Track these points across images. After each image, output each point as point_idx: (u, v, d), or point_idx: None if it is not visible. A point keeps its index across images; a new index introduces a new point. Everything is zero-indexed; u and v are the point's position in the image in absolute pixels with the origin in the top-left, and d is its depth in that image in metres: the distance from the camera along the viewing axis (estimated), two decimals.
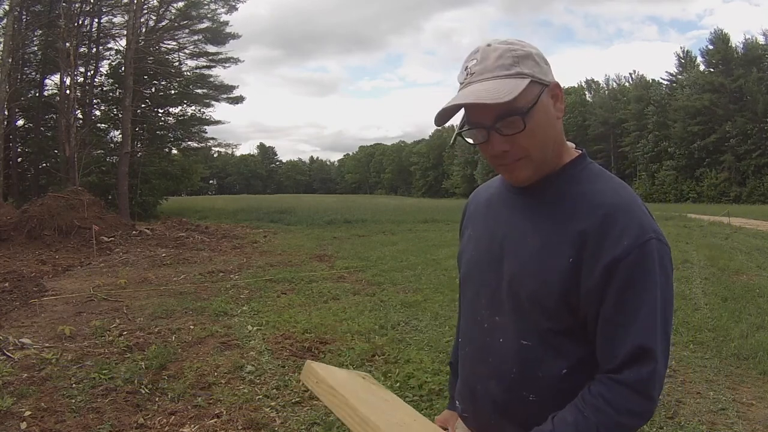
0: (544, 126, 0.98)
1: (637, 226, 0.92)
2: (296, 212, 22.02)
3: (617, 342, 0.91)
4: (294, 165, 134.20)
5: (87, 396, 3.39)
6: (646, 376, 0.88)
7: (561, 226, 0.97)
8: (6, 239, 10.99)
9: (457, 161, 72.22)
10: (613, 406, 0.88)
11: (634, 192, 1.01)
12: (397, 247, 11.41)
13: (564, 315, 0.96)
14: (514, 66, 0.96)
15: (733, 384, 3.66)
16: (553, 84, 1.00)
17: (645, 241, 0.91)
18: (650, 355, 0.89)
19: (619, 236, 0.91)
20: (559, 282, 0.94)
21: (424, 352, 4.27)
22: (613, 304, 0.91)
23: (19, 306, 5.95)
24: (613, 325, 0.91)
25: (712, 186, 42.40)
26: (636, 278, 0.90)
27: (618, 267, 0.90)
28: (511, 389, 1.01)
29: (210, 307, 5.85)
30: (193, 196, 51.37)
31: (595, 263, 0.92)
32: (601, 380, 0.91)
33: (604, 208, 0.94)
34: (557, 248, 0.95)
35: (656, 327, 0.90)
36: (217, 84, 25.33)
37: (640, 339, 0.89)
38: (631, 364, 0.89)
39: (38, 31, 20.50)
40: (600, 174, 1.03)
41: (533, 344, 0.99)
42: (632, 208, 0.94)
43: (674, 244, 11.36)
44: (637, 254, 0.90)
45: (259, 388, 3.58)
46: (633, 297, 0.90)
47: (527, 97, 0.95)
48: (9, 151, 20.15)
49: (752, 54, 41.17)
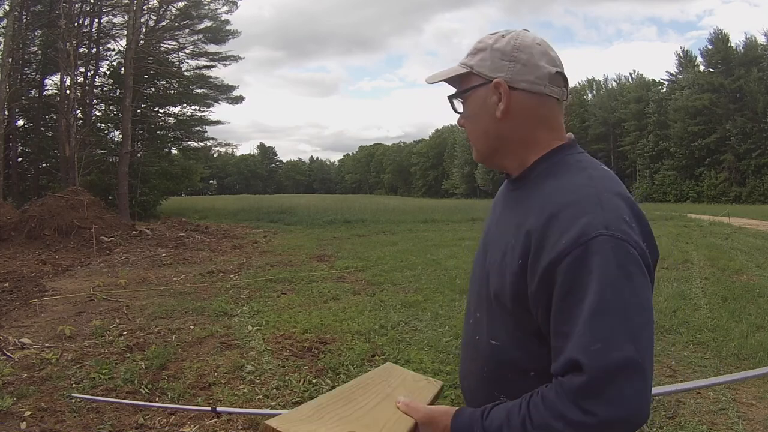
0: (477, 118, 1.03)
1: (580, 224, 0.84)
2: (296, 212, 22.02)
3: (560, 350, 0.83)
4: (294, 165, 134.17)
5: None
6: (577, 387, 0.78)
7: (518, 225, 0.95)
8: (6, 239, 10.99)
9: (457, 161, 72.20)
10: (548, 407, 0.81)
11: (611, 184, 0.92)
12: (397, 247, 11.41)
13: (524, 317, 0.92)
14: (468, 55, 1.04)
15: (733, 384, 3.65)
16: (494, 82, 0.99)
17: (588, 239, 0.82)
18: (579, 368, 0.79)
19: (558, 237, 0.85)
20: (510, 284, 0.92)
21: (424, 352, 4.27)
22: (554, 312, 0.85)
23: (19, 306, 5.95)
24: (555, 333, 0.85)
25: (712, 186, 42.37)
26: (575, 283, 0.82)
27: (555, 271, 0.84)
28: (485, 387, 1.01)
29: (210, 307, 5.85)
30: (193, 196, 51.39)
31: (536, 267, 0.87)
32: (553, 382, 0.85)
33: (551, 205, 0.89)
34: (512, 249, 0.93)
35: (594, 336, 0.79)
36: (218, 84, 25.36)
37: (573, 352, 0.80)
38: (567, 374, 0.81)
39: (38, 31, 20.50)
40: (571, 166, 0.97)
41: (501, 344, 0.98)
42: (583, 204, 0.87)
43: (674, 244, 11.37)
44: (575, 255, 0.82)
45: (259, 388, 3.58)
46: (572, 304, 0.82)
47: (465, 84, 1.04)
48: (9, 151, 20.14)
49: (752, 54, 41.13)
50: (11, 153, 20.80)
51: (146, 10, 21.65)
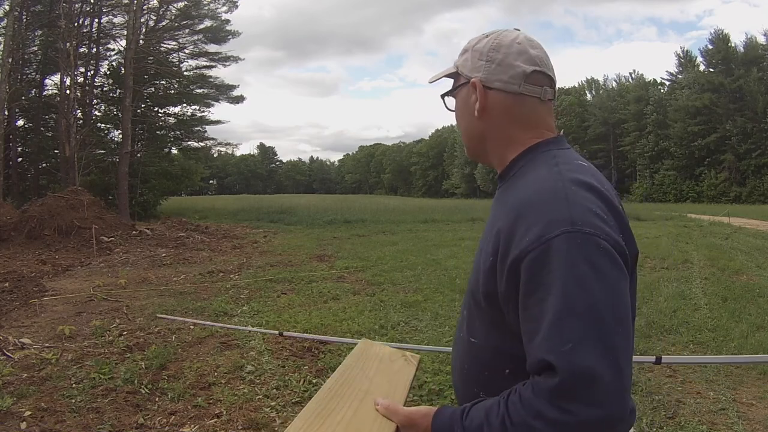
0: (461, 115, 1.08)
1: (543, 221, 0.82)
2: (296, 212, 22.01)
3: (530, 349, 0.82)
4: (294, 165, 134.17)
5: (87, 396, 3.39)
6: (551, 388, 0.76)
7: (492, 225, 0.96)
8: (6, 239, 10.99)
9: (457, 161, 72.20)
10: (525, 405, 0.79)
11: (581, 176, 0.90)
12: (397, 247, 11.41)
13: (497, 315, 0.92)
14: (459, 55, 1.07)
15: (733, 384, 3.65)
16: (471, 81, 1.02)
17: (552, 237, 0.80)
18: (551, 369, 0.77)
19: (522, 235, 0.84)
20: (483, 282, 0.93)
21: (424, 352, 4.27)
22: (521, 310, 0.84)
23: (19, 306, 5.95)
24: (524, 332, 0.83)
25: (712, 186, 42.38)
26: (539, 281, 0.80)
27: (519, 269, 0.83)
28: (467, 385, 1.02)
29: (210, 307, 5.85)
30: (193, 196, 51.39)
31: (503, 265, 0.86)
32: (529, 380, 0.83)
33: (518, 202, 0.89)
34: (486, 247, 0.94)
35: (563, 337, 0.77)
36: (218, 84, 25.36)
37: (541, 352, 0.78)
38: (541, 374, 0.79)
39: (38, 31, 20.52)
40: (544, 162, 0.95)
41: (478, 342, 0.99)
42: (550, 199, 0.85)
43: (674, 244, 11.37)
44: (538, 253, 0.81)
45: (259, 388, 3.58)
46: (536, 303, 0.80)
47: (455, 84, 1.08)
48: (9, 151, 20.15)
49: (752, 54, 41.16)
50: (11, 153, 20.80)
51: (146, 10, 21.68)
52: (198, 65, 24.84)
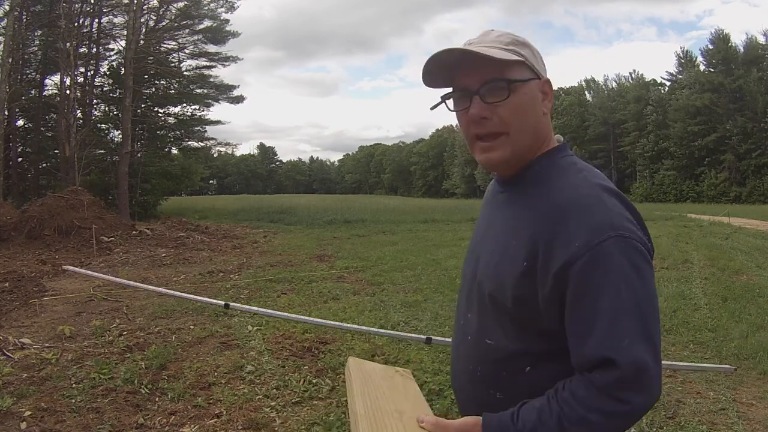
0: (527, 109, 0.98)
1: (589, 227, 0.86)
2: (296, 212, 22.01)
3: (581, 350, 0.87)
4: (294, 165, 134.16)
5: (87, 396, 3.39)
6: (613, 381, 0.84)
7: (519, 228, 0.96)
8: (6, 239, 10.99)
9: (457, 161, 72.20)
10: (582, 402, 0.85)
11: (606, 183, 0.95)
12: (397, 247, 11.41)
13: (524, 316, 0.94)
14: (511, 45, 0.99)
15: (733, 384, 3.65)
16: (545, 80, 1.02)
17: (599, 242, 0.85)
18: (612, 364, 0.83)
19: (568, 240, 0.87)
20: (512, 287, 0.93)
21: (424, 352, 4.27)
22: (570, 313, 0.88)
23: (19, 306, 5.95)
24: (575, 335, 0.88)
25: (712, 186, 42.36)
26: (591, 284, 0.85)
27: (569, 273, 0.86)
28: (479, 387, 1.02)
29: (210, 307, 5.85)
30: (193, 196, 51.39)
31: (548, 270, 0.88)
32: (577, 377, 0.89)
33: (556, 209, 0.91)
34: (514, 251, 0.94)
35: (620, 333, 0.83)
36: (218, 84, 25.35)
37: (600, 350, 0.84)
38: (597, 370, 0.85)
39: (38, 31, 20.50)
40: (568, 168, 0.99)
41: (495, 343, 0.99)
42: (589, 206, 0.89)
43: (674, 244, 11.36)
44: (589, 258, 0.85)
45: (259, 388, 3.58)
46: (589, 304, 0.85)
47: (517, 73, 0.97)
48: (9, 151, 20.14)
49: (752, 54, 41.14)
50: (11, 153, 20.80)
51: (146, 10, 21.66)
52: (198, 65, 24.86)
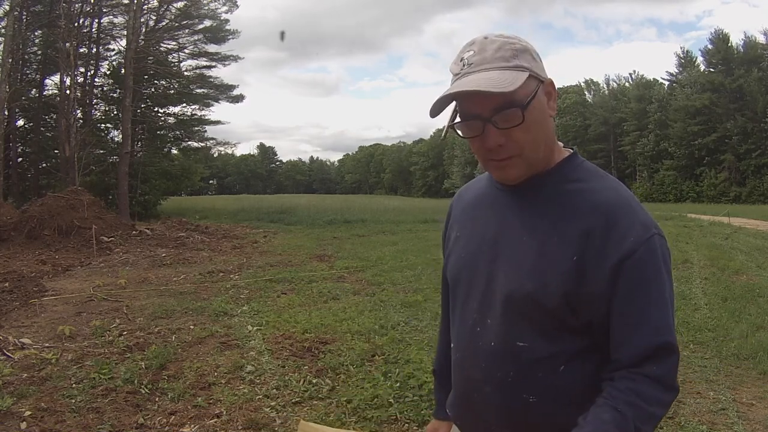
0: (540, 122, 0.96)
1: (640, 224, 0.93)
2: (296, 212, 22.01)
3: (635, 340, 0.91)
4: (294, 165, 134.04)
5: (87, 396, 3.39)
6: (670, 368, 0.92)
7: (560, 225, 0.95)
8: (6, 239, 10.99)
9: (457, 161, 72.19)
10: (644, 398, 0.89)
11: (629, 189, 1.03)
12: (397, 247, 11.41)
13: (565, 314, 0.94)
14: (513, 59, 0.94)
15: (733, 384, 3.66)
16: (548, 81, 0.99)
17: (649, 237, 0.92)
18: (671, 348, 0.92)
19: (623, 235, 0.92)
20: (561, 283, 0.92)
21: (424, 352, 4.26)
22: (625, 303, 0.92)
23: (19, 306, 5.95)
24: (629, 324, 0.92)
25: (712, 186, 42.33)
26: (645, 275, 0.91)
27: (625, 265, 0.91)
28: (510, 393, 0.98)
29: (210, 307, 5.85)
30: (193, 196, 51.34)
31: (602, 263, 0.92)
32: (626, 376, 0.91)
33: (605, 206, 0.95)
34: (558, 248, 0.94)
35: (670, 320, 0.92)
36: (218, 83, 25.35)
37: (659, 336, 0.91)
38: (653, 359, 0.90)
39: (38, 31, 20.49)
40: (595, 172, 1.03)
41: (530, 345, 0.96)
42: (632, 205, 0.96)
43: (674, 244, 11.36)
44: (643, 251, 0.91)
45: (259, 388, 3.58)
46: (645, 294, 0.91)
47: (526, 90, 0.93)
48: (9, 151, 20.13)
49: (752, 54, 41.11)
50: (11, 153, 20.78)
51: (146, 10, 21.65)
52: (198, 65, 24.86)
